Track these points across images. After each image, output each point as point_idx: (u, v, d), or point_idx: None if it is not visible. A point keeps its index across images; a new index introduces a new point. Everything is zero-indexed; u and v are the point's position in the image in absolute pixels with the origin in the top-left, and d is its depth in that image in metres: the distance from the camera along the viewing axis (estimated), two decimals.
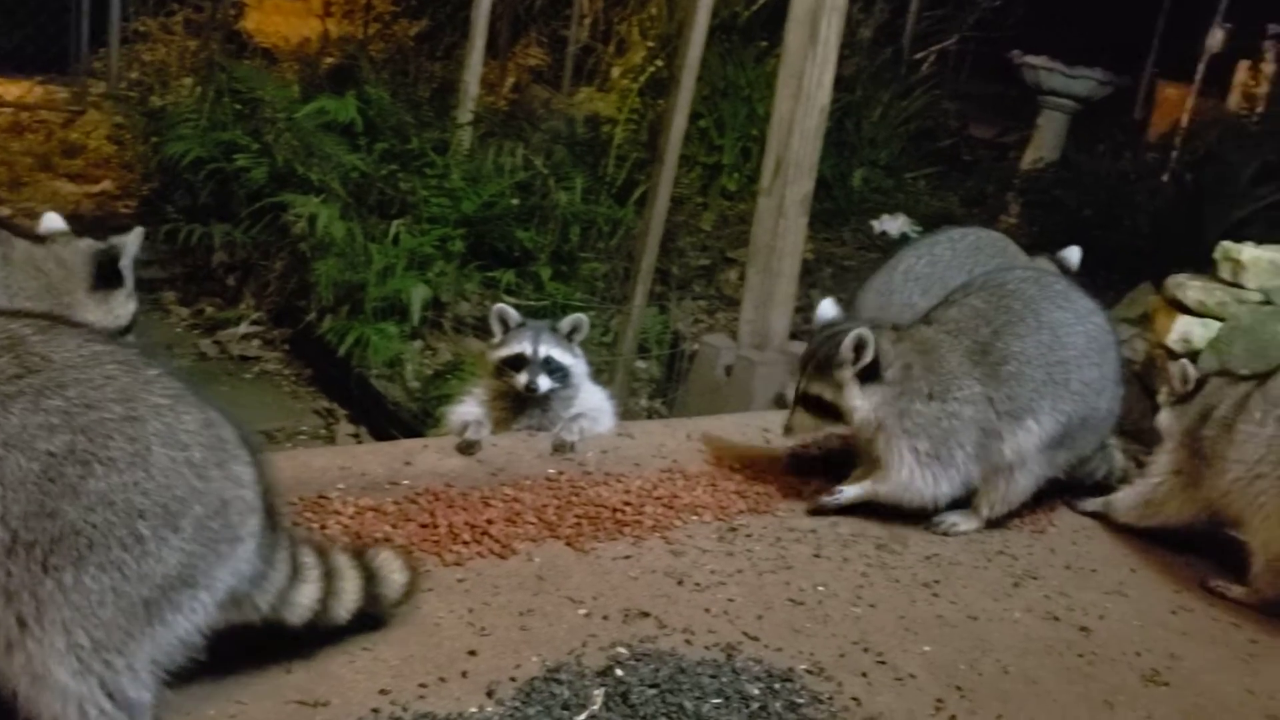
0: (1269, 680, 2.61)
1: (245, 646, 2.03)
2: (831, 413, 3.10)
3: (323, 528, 2.66)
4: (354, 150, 6.86)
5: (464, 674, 2.20)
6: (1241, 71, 9.27)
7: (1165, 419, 3.26)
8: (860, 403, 3.04)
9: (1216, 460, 3.01)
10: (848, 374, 3.03)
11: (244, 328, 6.62)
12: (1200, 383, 3.23)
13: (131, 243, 2.91)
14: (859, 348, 3.01)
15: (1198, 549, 3.16)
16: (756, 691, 2.25)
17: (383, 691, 2.11)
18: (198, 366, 6.04)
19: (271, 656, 2.11)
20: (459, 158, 7.08)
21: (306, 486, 2.81)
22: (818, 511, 3.13)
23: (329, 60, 8.80)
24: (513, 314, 3.38)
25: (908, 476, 3.05)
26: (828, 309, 3.28)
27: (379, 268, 6.15)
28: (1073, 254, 4.23)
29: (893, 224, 9.09)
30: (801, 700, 2.25)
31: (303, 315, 6.36)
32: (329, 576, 2.12)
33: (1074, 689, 2.46)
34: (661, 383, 6.34)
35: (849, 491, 3.13)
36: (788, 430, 3.22)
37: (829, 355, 3.06)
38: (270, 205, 6.61)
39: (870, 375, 3.03)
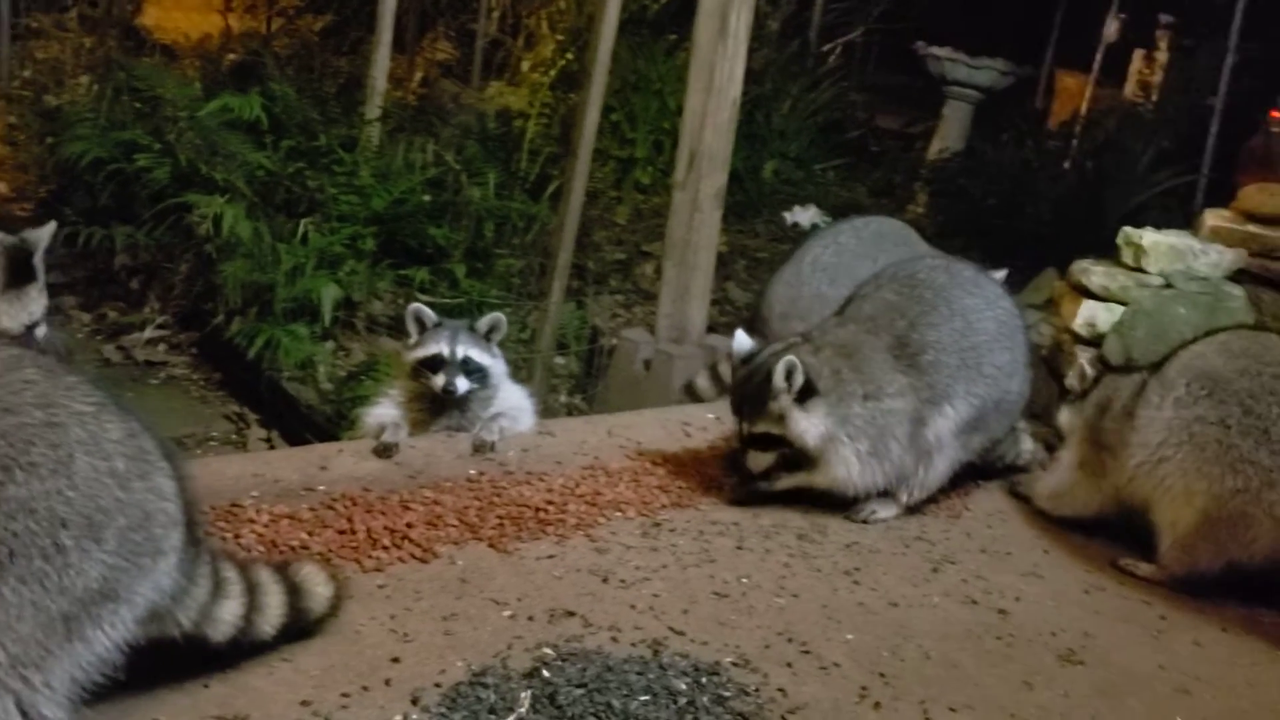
0: (1178, 654, 2.69)
1: (163, 660, 1.97)
2: (782, 443, 3.07)
3: (237, 537, 2.60)
4: (259, 148, 6.71)
5: (387, 682, 2.16)
6: (1137, 60, 9.55)
7: (1065, 417, 3.38)
8: (807, 424, 3.03)
9: (1120, 448, 3.10)
10: (786, 402, 3.03)
11: (149, 332, 6.45)
12: (1096, 380, 3.34)
13: (45, 236, 2.85)
14: (790, 375, 3.01)
15: (1108, 530, 3.23)
16: (684, 686, 2.24)
17: (304, 703, 2.06)
18: (102, 373, 5.86)
19: (189, 671, 2.06)
20: (368, 154, 6.97)
21: (219, 495, 2.74)
22: (743, 499, 3.14)
23: (231, 56, 8.60)
24: (429, 314, 3.33)
25: (845, 474, 3.08)
26: (742, 341, 3.25)
27: (288, 268, 6.04)
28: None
29: (804, 215, 9.18)
30: (728, 693, 2.26)
31: (210, 318, 6.22)
32: (252, 592, 2.07)
33: (994, 671, 2.50)
34: (581, 379, 6.33)
35: (783, 478, 3.13)
36: (752, 478, 3.15)
37: (762, 392, 3.05)
38: (174, 206, 6.44)
39: (806, 394, 3.03)
